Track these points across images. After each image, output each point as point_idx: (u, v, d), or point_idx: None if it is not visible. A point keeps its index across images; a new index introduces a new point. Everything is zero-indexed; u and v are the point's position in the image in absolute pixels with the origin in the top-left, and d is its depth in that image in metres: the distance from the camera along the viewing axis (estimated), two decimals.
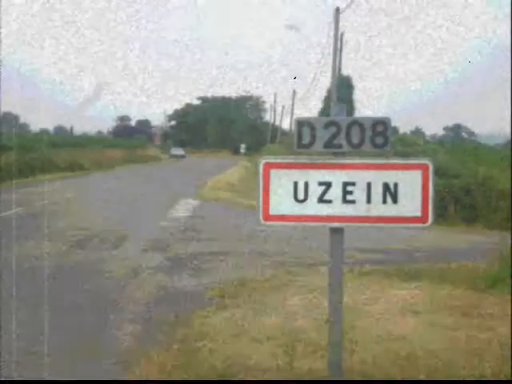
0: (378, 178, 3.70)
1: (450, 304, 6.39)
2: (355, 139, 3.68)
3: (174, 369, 4.57)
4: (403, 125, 66.93)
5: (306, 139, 3.74)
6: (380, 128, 3.66)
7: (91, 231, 11.71)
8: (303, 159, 3.77)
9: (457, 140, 68.75)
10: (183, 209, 16.47)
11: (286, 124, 69.22)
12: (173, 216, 14.76)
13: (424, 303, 6.44)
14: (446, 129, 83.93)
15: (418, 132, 65.43)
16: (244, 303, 6.45)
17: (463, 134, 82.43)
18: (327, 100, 41.46)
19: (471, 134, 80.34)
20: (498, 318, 5.85)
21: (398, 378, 4.39)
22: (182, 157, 63.83)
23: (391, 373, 4.45)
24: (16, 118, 59.43)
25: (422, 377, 4.38)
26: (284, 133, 62.86)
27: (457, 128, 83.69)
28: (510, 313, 5.58)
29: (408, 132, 53.08)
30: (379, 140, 3.66)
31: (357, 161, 3.75)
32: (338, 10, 25.83)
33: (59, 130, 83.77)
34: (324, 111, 44.72)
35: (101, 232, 11.65)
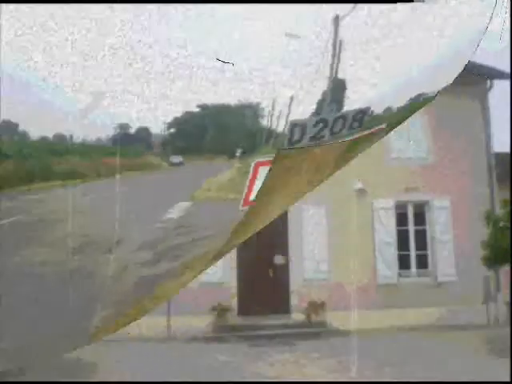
0: None
1: None
2: (336, 129, 3.78)
3: None
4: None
5: (296, 137, 3.79)
6: (359, 115, 3.75)
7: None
8: None
9: None
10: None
11: (281, 128, 68.90)
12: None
13: None
14: None
15: None
16: None
17: None
18: (321, 102, 41.65)
19: None
20: None
21: None
22: (181, 163, 64.21)
23: None
24: (15, 125, 59.39)
25: None
26: (279, 136, 62.67)
27: None
28: None
29: None
30: (355, 125, 3.77)
31: None
32: (337, 17, 25.92)
33: (59, 137, 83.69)
34: (316, 112, 44.84)
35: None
